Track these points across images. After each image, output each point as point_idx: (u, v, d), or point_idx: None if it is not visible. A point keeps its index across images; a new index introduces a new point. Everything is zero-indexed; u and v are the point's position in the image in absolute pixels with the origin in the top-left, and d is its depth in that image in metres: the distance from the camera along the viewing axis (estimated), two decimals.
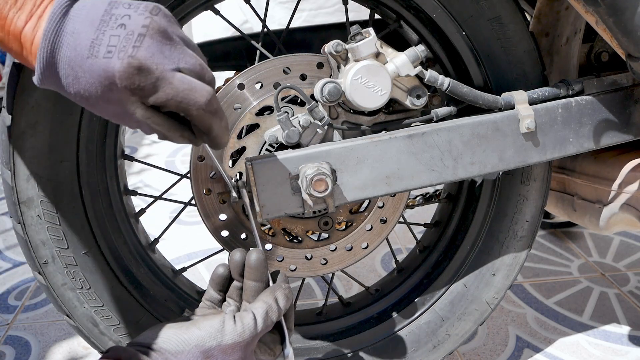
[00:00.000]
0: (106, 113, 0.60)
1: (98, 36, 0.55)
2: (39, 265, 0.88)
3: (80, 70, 0.55)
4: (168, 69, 0.57)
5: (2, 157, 0.83)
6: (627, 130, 0.91)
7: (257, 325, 0.67)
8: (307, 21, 2.21)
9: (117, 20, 0.56)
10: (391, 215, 0.96)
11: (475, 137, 0.85)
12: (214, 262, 1.60)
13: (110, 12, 0.56)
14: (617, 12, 0.72)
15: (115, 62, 0.55)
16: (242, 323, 0.66)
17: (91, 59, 0.55)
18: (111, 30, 0.55)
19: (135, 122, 0.60)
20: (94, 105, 0.58)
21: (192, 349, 0.64)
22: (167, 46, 0.57)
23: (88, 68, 0.55)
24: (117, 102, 0.57)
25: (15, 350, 1.30)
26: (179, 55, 0.59)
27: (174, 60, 0.58)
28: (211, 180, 0.89)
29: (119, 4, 0.57)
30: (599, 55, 1.03)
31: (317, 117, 0.83)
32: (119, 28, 0.55)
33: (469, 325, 1.04)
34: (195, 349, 0.64)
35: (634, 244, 1.73)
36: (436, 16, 0.87)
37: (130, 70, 0.55)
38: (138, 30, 0.56)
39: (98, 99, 0.57)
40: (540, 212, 1.01)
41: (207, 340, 0.65)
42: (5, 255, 1.74)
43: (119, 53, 0.55)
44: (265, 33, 0.98)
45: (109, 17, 0.56)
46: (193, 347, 0.64)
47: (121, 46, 0.55)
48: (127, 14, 0.56)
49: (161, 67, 0.57)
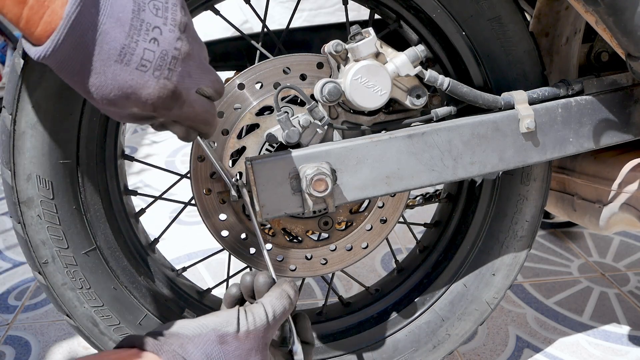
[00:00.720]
0: (106, 109, 0.60)
1: (130, 44, 0.55)
2: (39, 265, 0.88)
3: (102, 68, 0.55)
4: (192, 92, 0.60)
5: (2, 156, 0.84)
6: (627, 130, 0.91)
7: (268, 315, 0.68)
8: (307, 21, 2.21)
9: (149, 31, 0.56)
10: (391, 215, 0.96)
11: (475, 137, 0.85)
12: (214, 262, 1.60)
13: (140, 17, 0.55)
14: (617, 11, 0.72)
15: (149, 79, 0.56)
16: (253, 313, 0.68)
17: (120, 64, 0.55)
18: (144, 43, 0.55)
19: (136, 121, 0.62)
20: (98, 100, 0.58)
21: (209, 332, 0.64)
22: (192, 67, 0.60)
23: (114, 71, 0.55)
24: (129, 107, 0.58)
25: (15, 350, 1.30)
26: (201, 75, 0.61)
27: (197, 81, 0.61)
28: (211, 180, 0.89)
29: (146, 4, 0.56)
30: (599, 55, 1.03)
31: (317, 117, 0.83)
32: (152, 42, 0.56)
33: (469, 325, 1.04)
34: (212, 332, 0.65)
35: (634, 244, 1.73)
36: (436, 16, 0.87)
37: (164, 92, 0.57)
38: (172, 52, 0.57)
39: (110, 98, 0.57)
40: (540, 212, 1.01)
41: (224, 325, 0.65)
42: (5, 255, 1.74)
43: (154, 71, 0.56)
44: (265, 33, 0.98)
45: (139, 24, 0.55)
46: (210, 330, 0.65)
47: (157, 65, 0.56)
48: (157, 25, 0.56)
49: (188, 91, 0.59)
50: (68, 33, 0.52)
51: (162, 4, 0.57)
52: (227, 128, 0.87)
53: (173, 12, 0.58)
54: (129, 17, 0.55)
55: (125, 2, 0.55)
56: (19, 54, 0.79)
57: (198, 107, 0.62)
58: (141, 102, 0.57)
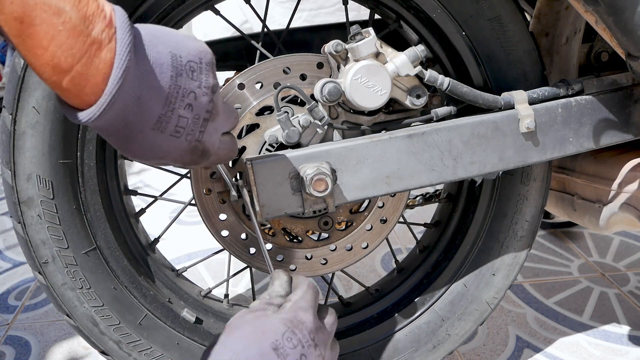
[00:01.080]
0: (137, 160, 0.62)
1: (167, 113, 0.56)
2: (39, 264, 0.88)
3: (139, 136, 0.56)
4: (217, 142, 0.64)
5: (3, 156, 0.84)
6: (626, 129, 0.91)
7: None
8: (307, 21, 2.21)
9: (184, 97, 0.57)
10: (391, 215, 0.96)
11: (475, 136, 0.85)
12: (214, 262, 1.61)
13: (177, 83, 0.56)
14: (617, 11, 0.72)
15: (182, 142, 0.59)
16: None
17: (156, 132, 0.56)
18: (179, 110, 0.57)
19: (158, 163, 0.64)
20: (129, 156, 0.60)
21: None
22: (218, 122, 0.63)
23: (150, 138, 0.57)
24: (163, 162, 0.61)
25: (15, 350, 1.30)
26: (224, 122, 0.65)
27: (220, 129, 0.64)
28: (211, 180, 0.89)
29: (183, 66, 0.56)
30: (599, 55, 1.03)
31: (317, 117, 0.83)
32: (186, 109, 0.57)
33: (469, 325, 1.04)
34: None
35: (634, 244, 1.73)
36: (436, 16, 0.87)
37: (195, 152, 0.61)
38: (203, 115, 0.59)
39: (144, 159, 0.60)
40: (540, 212, 1.01)
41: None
42: (5, 255, 1.74)
43: (187, 136, 0.58)
44: (265, 33, 0.98)
45: (175, 91, 0.56)
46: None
47: (189, 130, 0.58)
48: (192, 90, 0.57)
49: (214, 144, 0.63)
50: (108, 106, 0.51)
51: (197, 64, 0.58)
52: None
53: (207, 74, 0.59)
54: (167, 86, 0.55)
55: (165, 69, 0.55)
56: (19, 54, 0.79)
57: (222, 152, 0.67)
58: (172, 160, 0.61)
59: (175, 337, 0.96)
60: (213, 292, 1.07)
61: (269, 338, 0.64)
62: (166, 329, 0.96)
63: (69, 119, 0.54)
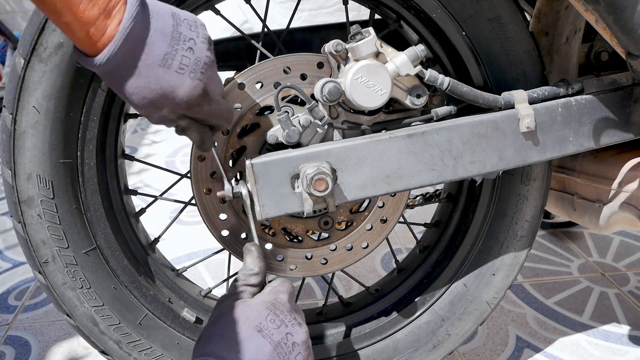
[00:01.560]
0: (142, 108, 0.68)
1: (171, 51, 0.65)
2: (39, 264, 0.88)
3: (147, 72, 0.65)
4: (217, 93, 0.72)
5: (3, 156, 0.84)
6: (626, 129, 0.91)
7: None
8: (307, 21, 2.22)
9: (185, 42, 0.67)
10: (391, 215, 0.96)
11: (475, 136, 0.85)
12: (214, 262, 1.61)
13: (178, 30, 0.66)
14: (617, 10, 0.72)
15: (186, 79, 0.67)
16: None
17: (163, 68, 0.65)
18: (182, 51, 0.66)
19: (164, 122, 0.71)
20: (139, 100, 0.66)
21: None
22: (216, 74, 0.72)
23: (157, 74, 0.65)
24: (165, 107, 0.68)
25: (15, 350, 1.30)
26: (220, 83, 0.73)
27: (219, 86, 0.73)
28: (211, 180, 0.89)
29: (181, 20, 0.67)
30: (599, 54, 1.03)
31: (317, 117, 0.83)
32: (188, 51, 0.67)
33: (469, 325, 1.04)
34: None
35: (634, 244, 1.73)
36: (436, 16, 0.87)
37: (198, 90, 0.68)
38: (204, 60, 0.68)
39: (150, 98, 0.66)
40: (540, 212, 1.01)
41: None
42: (5, 255, 1.74)
43: (190, 73, 0.67)
44: (265, 33, 0.98)
45: (178, 35, 0.66)
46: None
47: (192, 68, 0.67)
48: (191, 37, 0.67)
49: (214, 91, 0.71)
50: (122, 44, 0.62)
51: (192, 22, 0.69)
52: (228, 128, 0.87)
53: (202, 29, 0.70)
54: (170, 30, 0.66)
55: (167, 19, 0.66)
56: (20, 54, 0.79)
57: (223, 105, 0.74)
58: (178, 99, 0.67)
59: (175, 336, 0.96)
60: (213, 292, 1.07)
61: (253, 322, 0.70)
62: (166, 328, 0.96)
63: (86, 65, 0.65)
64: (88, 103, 0.83)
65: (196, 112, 0.70)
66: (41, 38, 0.78)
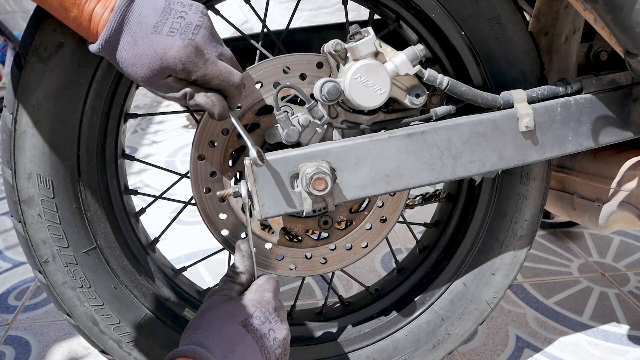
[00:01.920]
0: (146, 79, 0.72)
1: (161, 20, 0.70)
2: (40, 264, 0.88)
3: (141, 40, 0.69)
4: (214, 55, 0.73)
5: (3, 156, 0.84)
6: (626, 128, 0.91)
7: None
8: (307, 21, 2.22)
9: (177, 14, 0.70)
10: (391, 215, 0.96)
11: (475, 135, 0.85)
12: (214, 262, 1.61)
13: (170, 7, 0.70)
14: (615, 8, 0.72)
15: (176, 40, 0.70)
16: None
17: (154, 34, 0.69)
18: (173, 19, 0.70)
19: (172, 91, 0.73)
20: (138, 68, 0.70)
21: None
22: (213, 39, 0.74)
23: (150, 40, 0.69)
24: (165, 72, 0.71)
25: (15, 350, 1.30)
26: (220, 47, 0.75)
27: (217, 50, 0.74)
28: (211, 180, 0.89)
29: (175, 1, 0.71)
30: (598, 54, 1.03)
31: (316, 116, 0.83)
32: (179, 18, 0.70)
33: (469, 324, 1.04)
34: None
35: (634, 244, 1.73)
36: (435, 16, 0.87)
37: (189, 49, 0.70)
38: (195, 22, 0.71)
39: (147, 64, 0.70)
40: (539, 212, 1.01)
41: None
42: (5, 255, 1.74)
43: (180, 34, 0.70)
44: (265, 33, 0.99)
45: (169, 10, 0.70)
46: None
47: (182, 30, 0.70)
48: (183, 10, 0.71)
49: (210, 52, 0.73)
50: (118, 21, 0.69)
51: (187, 3, 0.72)
52: (227, 127, 0.88)
53: (197, 6, 0.73)
54: (162, 7, 0.70)
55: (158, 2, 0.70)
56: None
57: (221, 66, 0.74)
58: (171, 59, 0.70)
59: (175, 336, 0.96)
60: None
61: (238, 317, 0.74)
62: (166, 328, 0.96)
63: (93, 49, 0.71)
64: (88, 103, 0.84)
65: (195, 74, 0.72)
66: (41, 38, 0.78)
